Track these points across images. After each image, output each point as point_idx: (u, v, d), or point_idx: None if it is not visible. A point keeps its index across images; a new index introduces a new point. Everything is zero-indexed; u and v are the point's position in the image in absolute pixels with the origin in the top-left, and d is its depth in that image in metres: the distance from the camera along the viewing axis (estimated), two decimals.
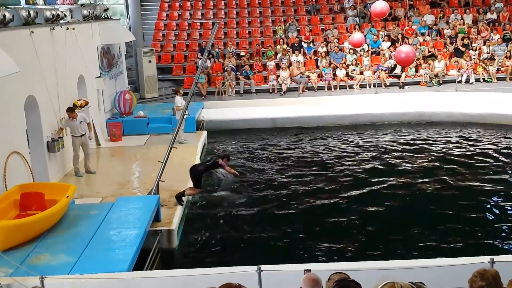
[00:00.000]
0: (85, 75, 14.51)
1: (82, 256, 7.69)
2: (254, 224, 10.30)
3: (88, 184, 12.05)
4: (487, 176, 12.62)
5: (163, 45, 23.56)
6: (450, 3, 25.00)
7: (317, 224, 10.25)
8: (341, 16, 24.57)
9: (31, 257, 7.69)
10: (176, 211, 10.13)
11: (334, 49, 21.86)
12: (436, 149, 14.95)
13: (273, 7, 25.64)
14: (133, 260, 7.70)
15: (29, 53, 11.06)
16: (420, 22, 23.14)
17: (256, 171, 13.56)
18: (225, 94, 20.50)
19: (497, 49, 21.61)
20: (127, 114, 16.85)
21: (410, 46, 15.46)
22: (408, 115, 17.96)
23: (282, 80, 20.67)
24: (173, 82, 21.87)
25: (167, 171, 10.88)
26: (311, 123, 17.80)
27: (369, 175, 12.96)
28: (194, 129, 16.37)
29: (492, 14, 23.41)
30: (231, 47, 22.57)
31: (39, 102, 11.39)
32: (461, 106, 17.92)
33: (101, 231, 8.50)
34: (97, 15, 16.13)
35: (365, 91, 20.51)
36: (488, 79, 20.80)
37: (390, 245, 9.36)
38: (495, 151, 14.58)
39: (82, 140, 12.41)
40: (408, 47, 12.21)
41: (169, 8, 25.53)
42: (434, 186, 12.10)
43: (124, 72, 19.09)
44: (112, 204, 9.61)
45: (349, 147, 15.48)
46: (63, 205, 8.79)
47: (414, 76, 21.00)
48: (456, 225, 10.01)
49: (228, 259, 8.88)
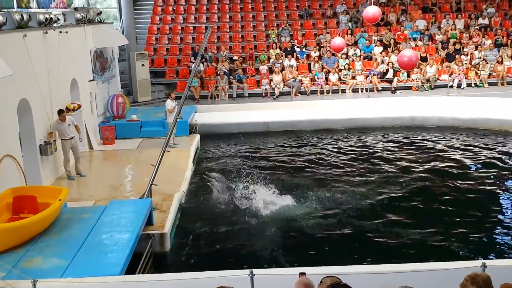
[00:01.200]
0: (78, 78, 14.48)
1: (74, 259, 7.67)
2: (246, 228, 10.30)
3: (81, 188, 12.02)
4: (478, 180, 12.71)
5: (156, 48, 23.56)
6: (442, 8, 25.21)
7: (310, 228, 10.27)
8: (334, 21, 24.69)
9: (23, 260, 7.66)
10: (168, 215, 10.12)
11: (326, 53, 21.96)
12: (427, 153, 15.03)
13: (266, 11, 25.72)
14: (126, 264, 7.68)
15: (22, 57, 11.04)
16: (412, 27, 23.30)
17: (248, 175, 13.57)
18: (218, 98, 20.53)
19: (489, 54, 21.79)
20: (120, 118, 16.83)
21: (412, 50, 15.51)
22: (400, 120, 18.06)
23: (275, 84, 20.74)
24: (166, 86, 21.88)
25: (159, 174, 10.87)
26: (303, 127, 17.86)
27: (361, 178, 13.03)
28: (187, 132, 16.38)
29: (484, 19, 23.61)
30: (224, 51, 22.62)
31: (32, 106, 11.36)
32: (453, 110, 18.05)
33: (94, 235, 8.48)
34: (90, 18, 16.11)
35: (358, 95, 20.64)
36: (479, 84, 20.96)
37: (381, 249, 9.40)
38: (486, 155, 14.68)
39: (72, 143, 12.40)
40: (411, 51, 12.24)
41: (162, 12, 25.54)
42: (425, 190, 12.16)
43: (117, 76, 19.07)
44: (105, 207, 9.59)
45: (342, 151, 15.54)
46: (56, 208, 8.76)
47: (406, 81, 21.14)
48: (447, 229, 10.07)
49: (221, 263, 8.91)
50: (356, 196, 11.78)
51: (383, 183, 12.62)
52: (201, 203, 11.60)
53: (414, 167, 13.83)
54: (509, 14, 24.41)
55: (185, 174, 12.73)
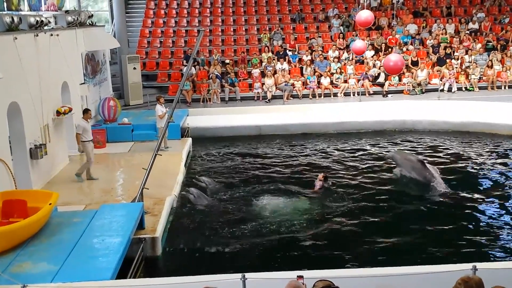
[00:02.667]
0: (69, 81, 14.40)
1: (64, 264, 7.60)
2: (238, 232, 10.26)
3: (71, 192, 11.93)
4: (469, 184, 12.75)
5: (148, 52, 23.52)
6: (432, 13, 25.38)
7: (303, 231, 10.26)
8: (326, 25, 24.77)
9: (13, 265, 7.59)
10: (160, 218, 10.07)
11: (318, 57, 22.03)
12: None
13: (258, 15, 25.76)
14: (117, 268, 7.63)
15: (12, 59, 10.96)
16: (403, 32, 23.44)
17: (241, 178, 13.57)
18: (210, 102, 20.51)
19: (479, 59, 21.95)
20: (111, 121, 16.76)
21: (398, 54, 15.61)
22: (392, 123, 18.14)
23: (267, 88, 20.76)
24: (158, 89, 21.83)
25: (151, 178, 10.82)
26: (295, 130, 17.88)
27: (354, 182, 13.04)
28: (179, 136, 16.32)
29: (474, 24, 23.79)
30: (216, 54, 22.60)
31: (22, 109, 11.27)
32: (444, 114, 18.16)
33: (84, 239, 8.42)
34: (81, 21, 16.05)
35: (349, 99, 20.72)
36: (470, 88, 21.10)
37: (374, 252, 9.41)
38: (476, 159, 14.75)
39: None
40: (397, 55, 12.36)
41: (154, 15, 25.50)
42: (416, 193, 12.20)
43: (108, 79, 19.00)
44: (96, 211, 9.53)
45: (334, 154, 15.56)
46: (46, 212, 8.69)
47: (398, 85, 21.24)
48: (438, 232, 10.11)
49: (213, 266, 8.87)
50: (347, 200, 11.79)
51: (374, 186, 12.64)
52: (193, 207, 11.54)
53: None
54: (499, 19, 24.61)
55: (177, 178, 12.68)
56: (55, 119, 13.01)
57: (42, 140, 12.13)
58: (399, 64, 12.26)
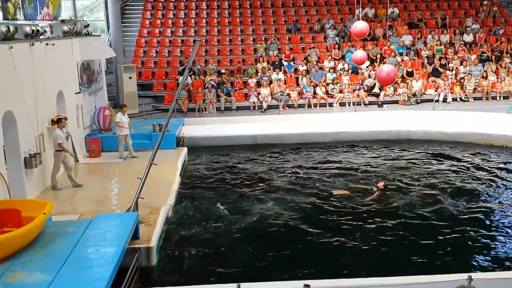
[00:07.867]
0: (64, 91, 14.40)
1: (58, 274, 7.54)
2: (233, 241, 10.25)
3: (66, 201, 11.88)
4: (463, 194, 12.75)
5: (143, 61, 23.55)
6: (427, 24, 25.55)
7: (298, 241, 10.25)
8: (321, 36, 24.89)
9: (6, 275, 7.53)
10: (155, 228, 10.03)
11: (314, 67, 22.11)
12: (414, 167, 15.09)
13: (254, 25, 25.87)
14: (111, 279, 7.58)
15: (8, 69, 10.96)
16: (398, 42, 23.57)
17: (237, 187, 13.54)
18: (206, 111, 20.53)
19: (474, 69, 22.08)
20: (106, 130, 16.74)
21: (391, 65, 15.69)
22: (387, 133, 18.19)
23: (262, 98, 20.81)
24: (154, 99, 21.87)
25: (146, 188, 10.78)
26: (291, 140, 17.89)
27: (350, 192, 13.03)
28: (175, 145, 16.31)
29: (469, 35, 23.95)
30: (212, 64, 22.66)
31: (17, 118, 11.25)
32: (439, 124, 18.23)
33: (78, 249, 8.37)
34: (77, 31, 16.07)
35: (345, 109, 20.78)
36: (465, 98, 21.21)
37: (369, 262, 9.40)
38: (471, 169, 14.78)
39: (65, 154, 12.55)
40: (389, 66, 12.43)
41: (150, 25, 25.58)
42: (411, 203, 12.20)
43: (104, 88, 19.00)
44: (90, 221, 9.48)
45: (330, 164, 15.55)
46: (40, 222, 8.64)
47: (393, 95, 21.33)
48: (433, 242, 10.10)
49: (208, 276, 8.83)
50: (344, 210, 11.79)
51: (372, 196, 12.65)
52: (188, 217, 11.51)
53: (399, 180, 13.86)
54: (493, 30, 24.80)
55: (172, 187, 12.66)
56: (50, 128, 12.97)
57: (37, 149, 12.10)
58: (392, 75, 12.33)
